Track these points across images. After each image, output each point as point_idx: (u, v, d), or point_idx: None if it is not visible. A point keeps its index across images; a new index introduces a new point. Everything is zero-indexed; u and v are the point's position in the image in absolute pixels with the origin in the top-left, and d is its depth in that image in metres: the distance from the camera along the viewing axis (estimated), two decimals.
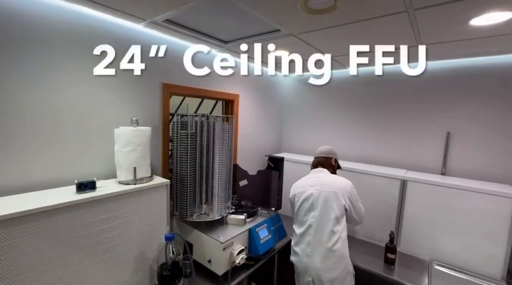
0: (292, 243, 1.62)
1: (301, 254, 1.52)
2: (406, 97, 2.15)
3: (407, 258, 1.84)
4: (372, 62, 1.17)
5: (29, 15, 1.10)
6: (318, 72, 1.31)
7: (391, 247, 1.74)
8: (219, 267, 1.42)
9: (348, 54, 1.84)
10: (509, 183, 1.73)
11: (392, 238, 1.75)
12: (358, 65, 1.16)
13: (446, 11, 1.11)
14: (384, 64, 1.12)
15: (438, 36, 1.42)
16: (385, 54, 1.12)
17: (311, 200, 1.54)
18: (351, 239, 2.05)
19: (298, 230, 1.58)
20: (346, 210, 1.51)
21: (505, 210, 1.55)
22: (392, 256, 1.73)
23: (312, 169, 1.75)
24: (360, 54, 1.14)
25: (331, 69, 2.54)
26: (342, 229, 1.48)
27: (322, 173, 1.64)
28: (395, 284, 1.59)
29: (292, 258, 1.59)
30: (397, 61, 2.11)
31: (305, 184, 1.62)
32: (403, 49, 1.10)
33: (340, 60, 2.07)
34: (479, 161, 1.87)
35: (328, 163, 1.71)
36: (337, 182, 1.56)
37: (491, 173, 1.82)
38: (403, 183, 1.88)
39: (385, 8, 1.12)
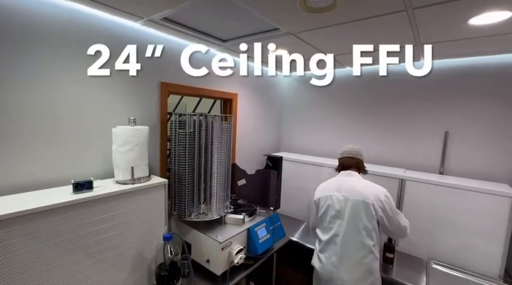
0: (317, 248, 1.52)
1: (326, 262, 1.42)
2: (405, 96, 2.15)
3: (406, 257, 1.84)
4: (371, 62, 1.17)
5: (27, 13, 1.08)
6: (320, 72, 1.31)
7: (389, 246, 1.74)
8: (218, 267, 1.42)
9: (347, 53, 1.86)
10: (507, 182, 1.74)
11: (390, 238, 1.75)
12: (359, 65, 1.16)
13: (445, 10, 1.11)
14: (388, 64, 1.11)
15: (437, 35, 1.42)
16: (386, 54, 1.12)
17: (337, 207, 1.42)
18: None
19: (323, 236, 1.47)
20: (378, 222, 1.36)
21: (502, 209, 1.55)
22: (391, 255, 1.74)
23: (339, 170, 1.58)
24: (361, 54, 1.14)
25: (328, 67, 2.53)
26: (374, 242, 1.34)
27: (353, 177, 1.48)
28: (394, 283, 1.60)
29: (315, 263, 1.50)
30: (396, 61, 2.10)
31: (332, 187, 1.49)
32: (407, 49, 1.10)
33: (339, 60, 2.07)
34: (477, 161, 1.88)
35: (363, 166, 1.55)
36: (368, 189, 1.39)
37: (489, 172, 1.83)
38: (402, 182, 1.89)
39: (384, 7, 1.11)
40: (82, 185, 1.10)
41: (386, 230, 1.42)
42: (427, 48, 1.11)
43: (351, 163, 1.54)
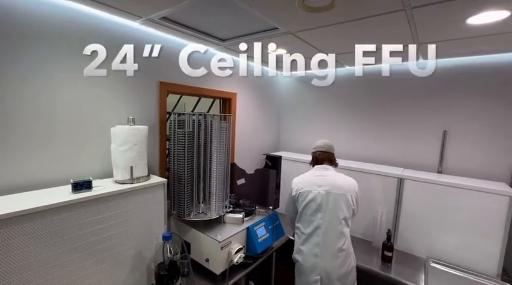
0: (298, 242, 1.57)
1: (308, 253, 1.49)
2: (403, 96, 2.16)
3: (404, 256, 1.85)
4: (372, 61, 1.18)
5: (25, 12, 1.08)
6: (321, 72, 1.31)
7: (388, 245, 1.75)
8: (217, 267, 1.42)
9: (346, 53, 1.86)
10: (506, 181, 1.75)
11: (389, 236, 1.76)
12: (360, 64, 1.17)
13: (444, 10, 1.11)
14: (391, 64, 1.12)
15: (435, 34, 1.42)
16: (387, 53, 1.12)
17: (319, 201, 1.49)
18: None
19: (304, 229, 1.54)
20: (353, 211, 1.52)
21: (500, 208, 1.56)
22: (389, 254, 1.74)
23: (313, 164, 1.67)
24: (362, 53, 1.14)
25: (329, 67, 2.54)
26: (349, 229, 1.50)
27: (330, 171, 1.59)
28: (392, 282, 1.60)
29: (297, 256, 1.55)
30: (395, 60, 2.10)
31: (311, 182, 1.55)
32: (410, 49, 1.10)
33: (338, 59, 2.07)
34: (475, 160, 1.88)
35: (332, 159, 1.65)
36: (345, 182, 1.53)
37: (487, 171, 1.83)
38: (400, 181, 1.89)
39: (383, 6, 1.12)
40: (81, 185, 1.10)
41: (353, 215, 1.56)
42: (431, 47, 1.11)
43: (324, 157, 1.64)
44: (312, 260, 1.47)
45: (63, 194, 1.07)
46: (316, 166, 1.64)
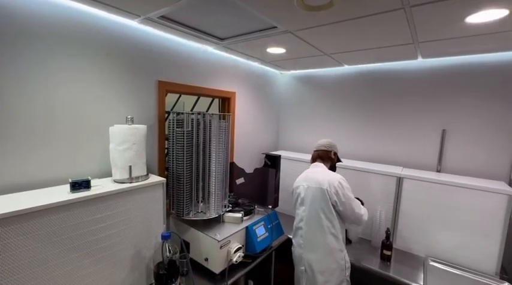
0: (292, 234, 1.73)
1: (296, 245, 1.65)
2: (402, 95, 2.16)
3: (403, 254, 1.85)
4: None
5: (23, 11, 1.07)
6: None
7: (387, 244, 1.75)
8: (216, 266, 1.42)
9: (345, 52, 1.86)
10: (504, 180, 1.75)
11: (388, 235, 1.76)
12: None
13: (442, 9, 1.11)
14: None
15: (434, 33, 1.42)
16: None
17: (302, 195, 1.61)
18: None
19: (294, 222, 1.68)
20: (333, 206, 1.51)
21: (499, 207, 1.57)
22: (389, 253, 1.75)
23: (311, 162, 1.76)
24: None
25: (328, 67, 2.54)
26: (332, 225, 1.51)
27: (319, 168, 1.66)
28: (391, 280, 1.61)
29: (292, 248, 1.70)
30: (394, 59, 2.11)
31: (301, 178, 1.67)
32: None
33: (336, 58, 2.07)
34: (474, 159, 1.89)
35: (328, 156, 1.71)
36: (324, 177, 1.55)
37: (486, 170, 1.84)
38: (399, 180, 1.90)
39: (382, 5, 1.11)
40: (79, 184, 1.09)
41: (343, 215, 1.54)
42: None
43: (314, 156, 1.76)
44: (298, 251, 1.62)
45: (62, 193, 1.06)
46: (312, 164, 1.75)
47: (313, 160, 1.75)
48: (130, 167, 1.27)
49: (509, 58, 1.73)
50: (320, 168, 1.66)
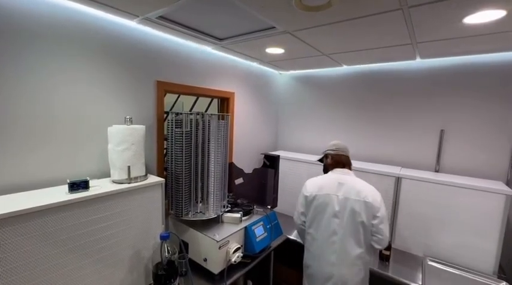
0: (311, 248, 1.50)
1: (324, 261, 1.43)
2: (401, 95, 2.16)
3: (402, 254, 1.86)
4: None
5: (22, 11, 1.07)
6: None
7: None
8: (215, 266, 1.42)
9: (343, 52, 1.86)
10: (502, 180, 1.76)
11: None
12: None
13: (440, 9, 1.12)
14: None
15: (432, 34, 1.42)
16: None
17: (337, 208, 1.41)
18: None
19: (318, 235, 1.45)
20: (375, 222, 1.37)
21: (497, 206, 1.57)
22: (387, 253, 1.75)
23: (332, 167, 1.56)
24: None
25: (326, 67, 2.54)
26: (367, 238, 1.40)
27: (350, 176, 1.50)
28: (390, 280, 1.61)
29: (310, 263, 1.50)
30: (392, 59, 2.11)
31: (330, 186, 1.46)
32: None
33: (335, 58, 2.07)
34: (472, 159, 1.89)
35: (350, 163, 1.58)
36: (365, 188, 1.42)
37: (484, 170, 1.85)
38: (398, 180, 1.90)
39: (380, 5, 1.12)
40: (78, 185, 1.09)
41: (375, 231, 1.39)
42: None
43: (343, 161, 1.56)
44: (328, 269, 1.41)
45: (60, 194, 1.06)
46: (335, 169, 1.54)
47: (340, 165, 1.54)
48: (129, 167, 1.26)
49: (507, 58, 1.74)
50: (352, 177, 1.49)
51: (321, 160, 1.71)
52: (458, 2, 1.05)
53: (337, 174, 1.52)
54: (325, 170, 1.63)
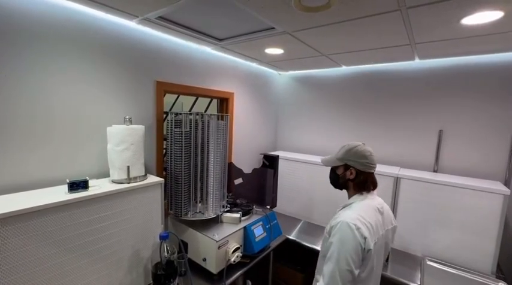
0: None
1: None
2: (400, 95, 2.17)
3: (401, 254, 1.86)
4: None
5: (21, 11, 1.07)
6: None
7: None
8: (214, 266, 1.42)
9: (342, 53, 1.87)
10: (500, 180, 1.77)
11: None
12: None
13: (438, 10, 1.12)
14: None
15: (431, 34, 1.43)
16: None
17: (384, 245, 1.12)
18: None
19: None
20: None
21: (495, 206, 1.58)
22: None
23: (367, 188, 1.17)
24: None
25: (325, 67, 2.55)
26: None
27: (381, 199, 1.20)
28: (389, 280, 1.61)
29: None
30: (391, 60, 2.12)
31: (376, 221, 1.07)
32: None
33: (334, 58, 2.08)
34: (470, 159, 1.90)
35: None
36: (390, 213, 1.20)
37: (482, 170, 1.85)
38: (397, 180, 1.91)
39: (379, 6, 1.12)
40: (77, 185, 1.09)
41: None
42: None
43: (374, 180, 1.19)
44: None
45: (59, 194, 1.06)
46: (372, 191, 1.17)
47: (370, 186, 1.17)
48: (128, 167, 1.27)
49: (506, 59, 1.75)
50: (381, 199, 1.20)
51: (333, 168, 1.27)
52: (455, 3, 1.05)
53: (373, 200, 1.15)
54: (361, 189, 1.17)
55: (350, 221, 1.00)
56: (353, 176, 1.18)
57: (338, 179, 1.23)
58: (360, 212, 1.05)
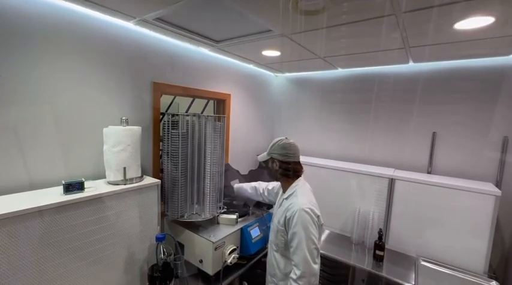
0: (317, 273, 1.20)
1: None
2: (394, 97, 2.20)
3: (396, 254, 1.88)
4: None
5: (19, 11, 1.06)
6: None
7: (379, 244, 1.78)
8: (211, 267, 1.42)
9: (338, 55, 1.89)
10: (491, 181, 1.80)
11: (380, 236, 1.79)
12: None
13: (432, 15, 1.15)
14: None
15: (425, 38, 1.46)
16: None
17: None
18: (341, 237, 2.10)
19: (319, 263, 1.23)
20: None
21: (487, 207, 1.61)
22: (381, 253, 1.77)
23: (297, 175, 1.36)
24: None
25: (322, 69, 2.57)
26: None
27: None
28: (383, 280, 1.63)
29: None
30: (386, 63, 2.15)
31: (313, 202, 1.29)
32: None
33: (330, 61, 2.10)
34: (463, 161, 1.93)
35: None
36: None
37: (474, 171, 1.89)
38: (391, 182, 1.93)
39: (374, 10, 1.14)
40: (73, 186, 1.09)
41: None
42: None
43: (298, 168, 1.37)
44: None
45: (55, 195, 1.05)
46: (300, 177, 1.36)
47: (297, 172, 1.36)
48: (124, 168, 1.26)
49: (498, 63, 1.79)
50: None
51: (266, 162, 1.43)
52: (448, 8, 1.08)
53: (306, 184, 1.37)
54: (286, 176, 1.35)
55: (304, 207, 1.19)
56: (278, 167, 1.35)
57: (270, 171, 1.40)
58: (306, 197, 1.25)
